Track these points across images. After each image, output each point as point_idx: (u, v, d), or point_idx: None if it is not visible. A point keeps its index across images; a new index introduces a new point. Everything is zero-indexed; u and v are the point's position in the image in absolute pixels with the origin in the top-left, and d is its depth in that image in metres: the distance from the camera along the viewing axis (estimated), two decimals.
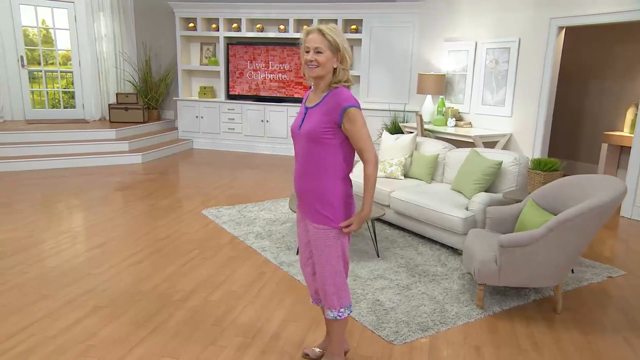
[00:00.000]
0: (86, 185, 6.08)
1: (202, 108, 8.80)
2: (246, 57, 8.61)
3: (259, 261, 3.90)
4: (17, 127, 7.67)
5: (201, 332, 2.84)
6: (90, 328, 2.84)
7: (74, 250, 4.02)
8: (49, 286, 3.37)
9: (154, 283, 3.47)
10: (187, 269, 3.73)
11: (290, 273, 3.69)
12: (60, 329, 2.80)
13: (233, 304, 3.20)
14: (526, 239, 3.08)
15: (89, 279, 3.49)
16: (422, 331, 2.95)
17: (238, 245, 4.24)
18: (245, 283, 3.51)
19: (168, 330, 2.85)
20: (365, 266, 3.87)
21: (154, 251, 4.06)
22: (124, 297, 3.24)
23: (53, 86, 8.71)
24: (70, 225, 4.64)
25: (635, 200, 5.31)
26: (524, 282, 3.21)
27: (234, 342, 2.75)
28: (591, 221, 3.05)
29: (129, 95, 8.44)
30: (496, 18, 6.69)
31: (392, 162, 5.11)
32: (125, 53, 8.86)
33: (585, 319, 3.21)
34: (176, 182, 6.44)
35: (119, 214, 5.02)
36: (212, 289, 3.41)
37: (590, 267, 4.01)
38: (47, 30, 8.59)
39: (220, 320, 2.99)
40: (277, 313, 3.10)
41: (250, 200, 5.64)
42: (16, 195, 5.57)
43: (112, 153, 7.39)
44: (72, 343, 2.67)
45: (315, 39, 2.13)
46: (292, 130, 2.31)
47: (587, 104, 7.39)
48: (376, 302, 3.28)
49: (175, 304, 3.18)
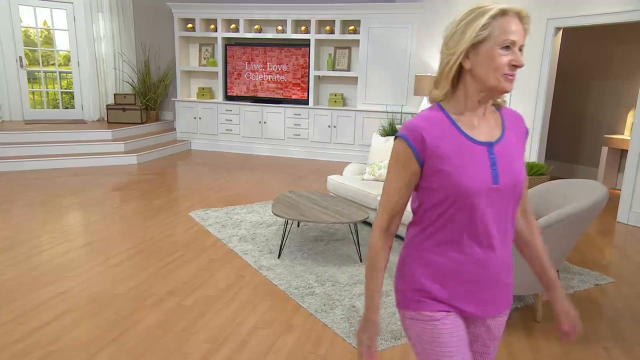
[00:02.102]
0: (79, 186, 6.10)
1: (200, 109, 8.81)
2: (244, 58, 8.60)
3: (239, 265, 3.87)
4: (15, 127, 7.73)
5: (169, 338, 2.81)
6: (56, 332, 2.82)
7: (56, 251, 4.02)
8: (23, 288, 3.36)
9: (130, 285, 3.45)
10: (166, 271, 3.71)
11: (269, 277, 3.65)
12: (23, 333, 2.79)
13: (206, 309, 3.17)
14: None
15: (65, 281, 3.48)
16: (395, 340, 2.90)
17: (220, 248, 4.21)
18: (222, 287, 3.48)
19: (135, 336, 2.82)
20: (347, 271, 3.82)
21: (136, 253, 4.05)
22: (97, 300, 3.23)
23: (53, 86, 8.77)
24: (57, 225, 4.65)
25: (632, 205, 5.21)
26: None
27: (200, 348, 2.72)
28: (571, 227, 2.98)
29: (126, 96, 8.47)
30: None
31: (380, 165, 5.06)
32: (124, 54, 8.89)
33: None
34: (169, 183, 6.44)
35: (108, 215, 5.03)
36: (187, 292, 3.38)
37: (577, 274, 3.93)
38: (48, 31, 8.66)
39: (191, 325, 2.96)
40: (250, 318, 3.07)
41: (241, 202, 5.62)
42: (9, 195, 5.60)
43: (107, 154, 7.41)
44: (33, 348, 2.66)
45: (520, 30, 1.27)
46: (478, 186, 1.30)
47: (588, 106, 7.27)
48: (352, 309, 3.23)
49: (147, 307, 3.15)
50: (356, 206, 4.24)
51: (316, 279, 3.66)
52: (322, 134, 8.37)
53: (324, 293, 3.43)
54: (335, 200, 4.37)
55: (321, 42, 8.44)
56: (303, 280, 3.62)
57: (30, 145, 7.20)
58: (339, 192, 5.11)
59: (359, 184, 4.92)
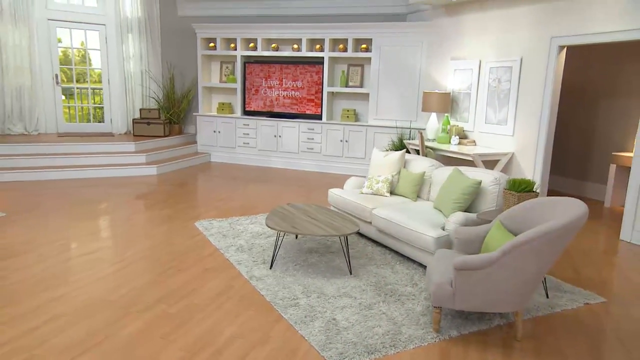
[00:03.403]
0: (98, 196, 6.22)
1: (220, 123, 8.91)
2: (262, 75, 8.67)
3: (231, 274, 3.85)
4: (49, 139, 7.98)
5: (147, 345, 2.80)
6: (42, 336, 2.84)
7: (61, 258, 4.08)
8: (21, 293, 3.42)
9: (123, 292, 3.47)
10: (160, 279, 3.72)
11: (257, 287, 3.61)
12: (11, 337, 2.82)
13: (189, 317, 3.15)
14: (480, 262, 2.91)
15: (62, 287, 3.53)
16: (369, 354, 2.81)
17: (217, 257, 4.20)
18: (211, 296, 3.46)
19: (116, 342, 2.82)
20: (335, 283, 3.75)
21: (136, 260, 4.08)
22: (88, 306, 3.25)
23: (88, 102, 9.03)
24: (68, 233, 4.74)
25: (634, 224, 4.96)
26: (480, 306, 3.01)
27: (174, 356, 2.69)
28: (548, 245, 2.84)
29: (151, 111, 8.64)
30: (499, 37, 6.46)
31: (378, 179, 4.97)
32: (150, 71, 9.10)
33: (548, 347, 2.98)
34: (183, 194, 6.50)
35: (118, 223, 5.10)
36: (175, 300, 3.38)
37: (568, 293, 3.74)
38: (85, 51, 8.94)
39: (170, 332, 2.95)
40: (229, 328, 3.03)
41: (247, 213, 5.62)
42: (34, 203, 5.75)
43: (130, 165, 7.55)
44: (17, 351, 2.69)
45: None
46: None
47: (597, 123, 7.00)
48: (331, 321, 3.16)
49: (134, 314, 3.16)
50: (349, 220, 4.17)
51: (303, 290, 3.60)
52: (334, 148, 8.33)
53: (307, 305, 3.37)
54: (330, 214, 4.31)
55: (335, 60, 8.44)
56: (289, 292, 3.57)
57: (61, 156, 7.41)
58: (339, 205, 5.05)
59: (357, 197, 4.85)
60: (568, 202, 3.08)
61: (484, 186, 4.22)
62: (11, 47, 8.16)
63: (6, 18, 8.06)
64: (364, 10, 8.30)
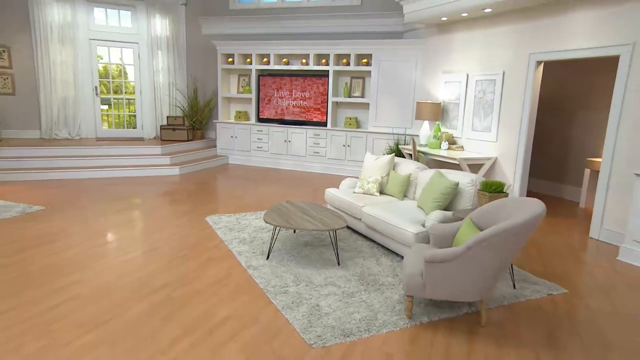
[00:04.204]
0: (125, 193, 6.32)
1: (237, 129, 8.96)
2: (274, 87, 8.70)
3: (232, 264, 3.87)
4: (88, 143, 8.13)
5: (149, 324, 2.84)
6: (59, 314, 2.90)
7: (86, 246, 4.16)
8: (47, 275, 3.49)
9: (133, 278, 3.52)
10: (167, 267, 3.76)
11: (253, 276, 3.63)
12: (33, 314, 2.89)
13: (189, 301, 3.18)
14: (447, 256, 2.87)
15: (80, 273, 3.59)
16: (345, 337, 2.79)
17: (221, 248, 4.23)
18: (210, 282, 3.49)
19: (122, 321, 2.87)
20: (323, 273, 3.74)
21: (149, 250, 4.13)
22: (101, 290, 3.30)
23: (123, 110, 9.18)
24: (94, 225, 4.82)
25: (602, 222, 4.83)
26: (448, 295, 2.98)
27: (171, 335, 2.72)
28: (507, 241, 2.79)
29: (177, 118, 8.74)
30: (484, 53, 6.37)
31: (369, 180, 4.95)
32: (176, 83, 9.20)
33: (509, 333, 2.93)
34: (200, 192, 6.56)
35: (139, 217, 5.17)
36: (178, 286, 3.41)
37: (534, 284, 3.67)
38: (121, 66, 9.08)
39: (171, 314, 2.98)
40: (223, 311, 3.05)
41: (254, 209, 5.64)
42: (71, 198, 5.86)
43: (156, 166, 7.65)
44: (37, 326, 2.75)
45: None
46: None
47: (573, 132, 6.85)
48: (315, 307, 3.15)
49: (141, 297, 3.20)
50: (338, 216, 4.16)
51: (294, 279, 3.60)
52: (337, 152, 8.31)
53: (295, 292, 3.37)
54: (323, 211, 4.31)
55: (339, 73, 8.42)
56: (281, 280, 3.57)
57: (98, 158, 7.55)
58: (334, 202, 5.04)
59: (350, 196, 4.83)
60: (530, 201, 3.02)
61: (461, 187, 4.16)
62: (59, 63, 8.35)
63: (55, 39, 8.26)
64: (365, 28, 8.26)
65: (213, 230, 4.75)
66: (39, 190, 6.21)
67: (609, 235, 4.75)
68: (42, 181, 6.81)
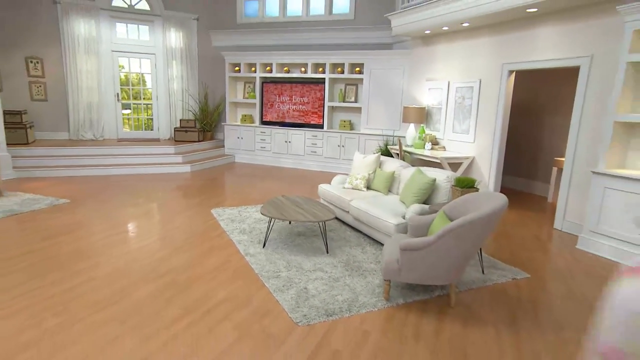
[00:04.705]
0: (142, 188, 6.36)
1: (242, 131, 8.98)
2: (275, 92, 8.70)
3: (231, 251, 3.90)
4: (111, 143, 8.17)
5: (154, 304, 2.88)
6: (76, 294, 2.94)
7: (103, 234, 4.19)
8: (68, 260, 3.53)
9: (144, 263, 3.55)
10: (174, 254, 3.79)
11: (249, 262, 3.65)
12: (54, 293, 2.93)
13: (191, 284, 3.21)
14: (420, 244, 2.89)
15: (98, 257, 3.63)
16: (327, 316, 2.82)
17: (223, 238, 4.26)
18: (211, 268, 3.52)
19: (130, 300, 2.91)
20: (313, 260, 3.77)
21: (159, 239, 4.16)
22: (115, 272, 3.34)
23: (142, 114, 9.21)
24: (113, 216, 4.85)
25: (565, 215, 4.83)
26: (421, 279, 3.00)
27: (173, 314, 2.76)
28: (472, 231, 2.80)
29: (189, 121, 8.76)
30: (463, 63, 6.36)
31: (357, 177, 4.96)
32: (189, 90, 9.22)
33: (474, 313, 2.95)
34: (210, 187, 6.59)
35: (152, 209, 5.21)
36: (182, 271, 3.44)
37: (500, 270, 3.69)
38: (140, 74, 9.11)
39: (174, 296, 3.01)
40: (221, 293, 3.08)
41: (255, 203, 5.67)
42: (94, 192, 5.91)
43: (170, 164, 7.69)
44: (57, 303, 2.79)
45: None
46: None
47: (543, 134, 6.83)
48: (303, 290, 3.18)
49: (148, 280, 3.24)
50: (328, 209, 4.18)
51: (286, 265, 3.63)
52: (333, 152, 8.32)
53: (287, 277, 3.40)
54: (315, 204, 4.33)
55: (334, 80, 8.41)
56: (274, 266, 3.60)
57: (119, 157, 7.59)
58: (326, 197, 5.06)
59: (340, 191, 4.85)
60: (495, 196, 3.03)
61: (438, 183, 4.17)
62: (84, 72, 8.38)
63: (82, 51, 8.29)
64: (357, 40, 8.25)
65: (217, 221, 4.78)
66: (65, 185, 6.26)
67: (570, 226, 4.76)
68: (69, 177, 6.86)
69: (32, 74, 8.17)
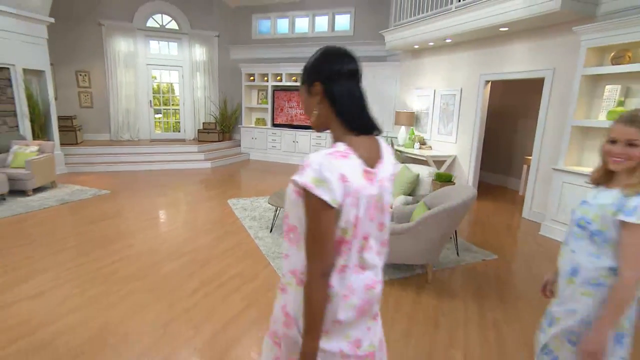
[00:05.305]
0: (169, 181, 6.49)
1: (256, 132, 9.08)
2: (285, 99, 8.78)
3: (243, 235, 4.01)
4: (144, 143, 8.32)
5: (176, 278, 3.00)
6: (112, 270, 3.08)
7: (136, 220, 4.32)
8: (106, 242, 3.66)
9: (169, 244, 3.68)
10: (195, 237, 3.90)
11: (259, 245, 3.75)
12: (95, 268, 3.07)
13: (208, 262, 3.33)
14: (402, 229, 2.97)
15: (132, 239, 3.76)
16: None
17: (236, 224, 4.36)
18: (225, 249, 3.63)
19: (157, 275, 3.03)
20: None
21: (182, 225, 4.28)
22: (145, 253, 3.46)
23: (170, 118, 9.36)
24: (145, 204, 4.96)
25: (531, 206, 4.87)
26: (402, 259, 3.08)
27: (192, 287, 2.88)
28: (446, 218, 2.88)
29: (210, 124, 8.89)
30: (447, 73, 6.37)
31: None
32: (210, 97, 9.33)
33: (447, 288, 3.03)
34: (227, 181, 6.71)
35: (178, 199, 5.34)
36: (201, 251, 3.56)
37: (473, 252, 3.75)
38: (169, 84, 9.24)
39: (194, 272, 3.13)
40: (232, 270, 3.19)
41: (265, 194, 5.76)
42: (128, 185, 6.05)
43: (193, 161, 7.82)
44: (98, 278, 2.93)
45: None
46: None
47: (517, 135, 6.83)
48: None
49: (172, 259, 3.36)
50: None
51: None
52: None
53: None
54: None
55: None
56: (279, 248, 3.70)
57: (151, 154, 7.73)
58: None
59: None
60: (466, 188, 3.10)
61: (421, 178, 4.24)
62: (124, 83, 8.54)
63: (121, 65, 8.44)
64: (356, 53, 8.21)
65: (232, 210, 4.89)
66: (106, 179, 6.43)
67: (535, 215, 4.80)
68: (109, 172, 7.03)
69: (81, 85, 8.36)
